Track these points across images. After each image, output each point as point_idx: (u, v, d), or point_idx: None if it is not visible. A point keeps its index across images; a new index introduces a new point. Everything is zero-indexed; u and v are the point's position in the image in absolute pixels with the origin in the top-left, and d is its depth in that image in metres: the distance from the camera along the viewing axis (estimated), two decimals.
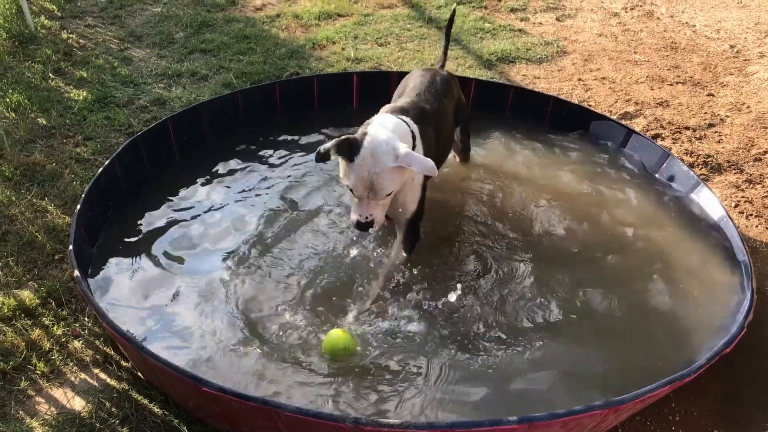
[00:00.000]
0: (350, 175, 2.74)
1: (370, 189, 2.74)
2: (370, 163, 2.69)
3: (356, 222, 2.83)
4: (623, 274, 3.28)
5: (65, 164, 4.09)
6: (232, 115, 4.36)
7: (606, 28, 6.52)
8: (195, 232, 3.52)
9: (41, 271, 3.33)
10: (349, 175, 2.75)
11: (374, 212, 2.81)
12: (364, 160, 2.70)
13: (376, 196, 2.76)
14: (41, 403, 2.72)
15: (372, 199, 2.77)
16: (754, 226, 3.83)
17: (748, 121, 4.86)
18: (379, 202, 2.81)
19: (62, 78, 5.17)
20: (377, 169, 2.70)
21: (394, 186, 2.78)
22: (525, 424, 2.17)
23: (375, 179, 2.71)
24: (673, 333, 2.95)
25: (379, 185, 2.73)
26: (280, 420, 2.24)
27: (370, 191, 2.74)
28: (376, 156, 2.69)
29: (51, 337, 2.98)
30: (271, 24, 6.32)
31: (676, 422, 2.72)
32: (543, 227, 3.59)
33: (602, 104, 5.05)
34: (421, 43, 6.00)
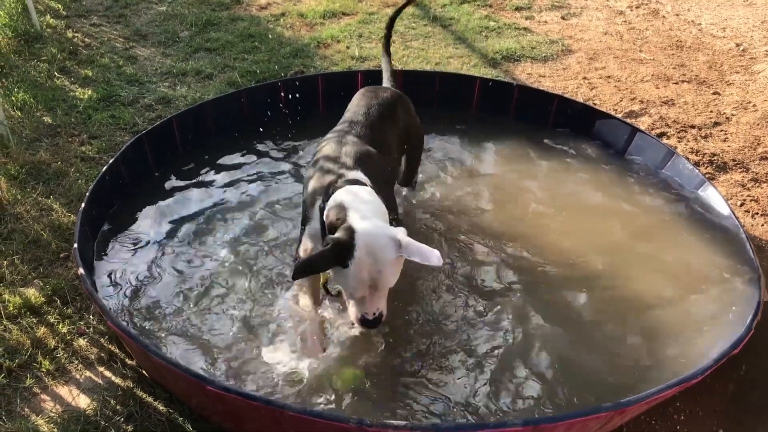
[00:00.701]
0: (346, 280, 2.41)
1: (373, 286, 2.43)
2: (368, 262, 2.36)
3: (362, 320, 2.50)
4: (627, 274, 3.26)
5: (70, 163, 4.10)
6: (236, 114, 4.36)
7: (611, 26, 6.50)
8: (200, 229, 3.52)
9: (46, 269, 3.33)
10: (345, 280, 2.42)
11: (380, 305, 2.49)
12: (362, 262, 2.36)
13: (378, 292, 2.46)
14: (46, 401, 2.72)
15: (374, 296, 2.46)
16: (760, 225, 3.81)
17: (754, 120, 4.84)
18: (382, 293, 2.49)
19: (67, 77, 5.18)
20: (378, 266, 2.37)
21: (396, 277, 2.49)
22: (530, 426, 2.16)
23: (377, 276, 2.39)
24: (678, 333, 2.93)
25: (382, 282, 2.42)
26: (283, 420, 2.24)
27: (371, 288, 2.43)
28: (375, 253, 2.36)
29: (56, 335, 2.98)
30: (275, 23, 6.32)
31: (682, 422, 2.71)
32: (544, 225, 3.58)
33: (607, 103, 5.04)
34: (425, 42, 5.99)
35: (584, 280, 3.23)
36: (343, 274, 2.41)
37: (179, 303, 3.08)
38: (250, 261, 3.30)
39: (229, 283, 3.17)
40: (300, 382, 2.66)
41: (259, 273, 3.23)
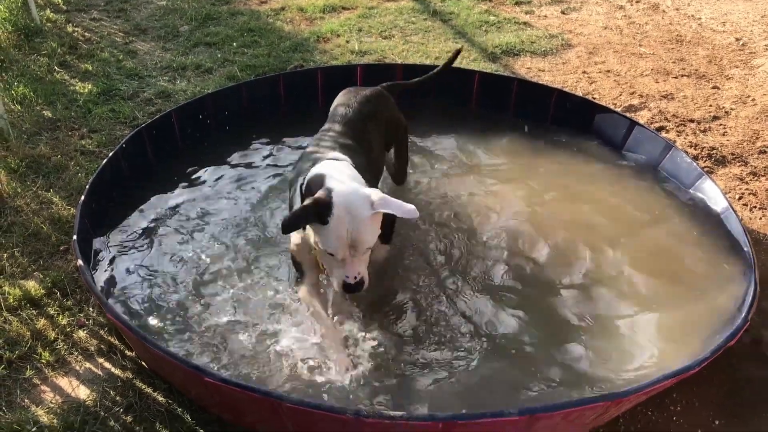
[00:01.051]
0: (327, 239, 2.51)
1: (352, 246, 2.52)
2: (346, 219, 2.47)
3: (345, 285, 2.60)
4: (623, 266, 3.27)
5: (70, 156, 4.11)
6: (236, 107, 4.37)
7: (611, 21, 6.50)
8: (199, 222, 3.53)
9: (46, 261, 3.35)
10: (326, 239, 2.52)
11: (360, 269, 2.59)
12: (340, 218, 2.47)
13: (358, 252, 2.55)
14: (46, 392, 2.74)
15: (354, 257, 2.56)
16: (758, 218, 3.82)
17: (753, 114, 4.84)
18: (362, 258, 2.59)
19: (67, 71, 5.20)
20: (356, 223, 2.48)
21: (375, 236, 2.59)
22: (527, 416, 2.17)
23: (356, 235, 2.50)
24: (675, 325, 2.95)
25: (361, 239, 2.51)
26: (282, 411, 2.25)
27: (351, 249, 2.53)
28: (352, 209, 2.48)
29: (56, 327, 3.00)
30: (275, 17, 6.33)
31: (678, 413, 2.72)
32: (544, 218, 3.58)
33: (607, 97, 5.04)
34: (425, 36, 6.00)
35: (580, 271, 3.24)
36: (322, 233, 2.52)
37: (179, 295, 3.09)
38: (250, 253, 3.31)
39: (229, 275, 3.18)
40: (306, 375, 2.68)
41: (260, 265, 3.24)
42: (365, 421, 2.11)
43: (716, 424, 2.70)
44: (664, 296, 3.10)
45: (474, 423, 2.13)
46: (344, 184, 2.55)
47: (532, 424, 2.19)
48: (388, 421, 2.10)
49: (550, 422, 2.25)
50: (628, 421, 2.68)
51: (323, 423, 2.21)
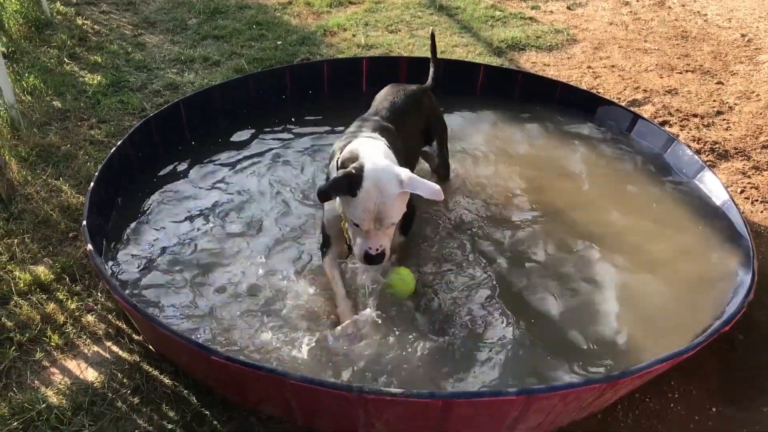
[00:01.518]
0: (354, 210, 2.61)
1: (377, 220, 2.62)
2: (374, 193, 2.57)
3: (366, 255, 2.68)
4: (624, 254, 3.32)
5: (80, 146, 4.17)
6: (243, 99, 4.42)
7: (617, 16, 6.52)
8: (205, 209, 3.59)
9: (56, 248, 3.41)
10: (353, 210, 2.62)
11: (383, 242, 2.68)
12: (368, 192, 2.57)
13: (383, 226, 2.65)
14: (55, 374, 2.80)
15: (378, 230, 2.65)
16: (760, 211, 3.85)
17: (757, 109, 4.86)
18: (386, 231, 2.69)
19: (77, 63, 5.26)
20: (383, 198, 2.58)
21: (400, 213, 2.69)
22: (524, 396, 2.22)
23: (382, 209, 2.59)
24: (674, 312, 2.99)
25: (386, 214, 2.61)
26: (286, 389, 2.30)
27: (376, 222, 2.62)
28: (381, 185, 2.58)
29: (65, 311, 3.06)
30: (282, 11, 6.38)
31: (675, 399, 2.76)
32: (545, 210, 3.62)
33: (611, 91, 5.07)
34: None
35: (580, 259, 3.29)
36: (351, 204, 2.62)
37: (186, 280, 3.14)
38: (257, 239, 3.37)
39: (237, 259, 3.24)
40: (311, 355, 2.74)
41: (268, 251, 3.29)
42: (367, 398, 2.16)
43: (713, 410, 2.74)
44: (663, 283, 3.15)
45: (473, 401, 2.18)
46: (376, 161, 2.65)
47: (530, 404, 2.23)
48: (388, 398, 2.15)
49: (547, 403, 2.30)
50: (626, 408, 2.72)
51: (326, 400, 2.27)
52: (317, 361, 2.70)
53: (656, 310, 3.01)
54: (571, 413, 2.50)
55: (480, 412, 2.27)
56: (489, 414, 2.30)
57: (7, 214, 3.57)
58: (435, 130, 3.63)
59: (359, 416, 2.30)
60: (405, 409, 2.23)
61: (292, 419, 2.54)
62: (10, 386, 2.73)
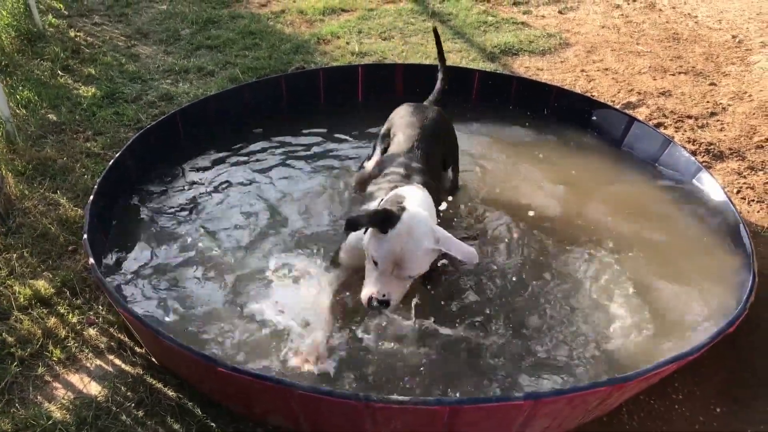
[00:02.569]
0: (380, 247, 2.57)
1: (398, 265, 2.57)
2: (405, 239, 2.54)
3: (370, 299, 2.60)
4: (624, 257, 3.33)
5: (76, 159, 4.16)
6: (239, 108, 4.42)
7: (608, 20, 6.56)
8: (205, 220, 3.58)
9: (55, 261, 3.39)
10: (379, 247, 2.58)
11: (393, 290, 2.60)
12: (400, 235, 2.54)
13: (402, 273, 2.59)
14: (58, 389, 2.78)
15: (396, 276, 2.59)
16: (756, 211, 3.87)
17: (750, 110, 4.90)
18: (401, 281, 2.63)
19: (71, 75, 5.25)
20: (412, 245, 2.54)
21: (423, 267, 2.64)
22: (531, 400, 2.22)
23: (408, 256, 2.55)
24: (676, 315, 3.00)
25: (409, 262, 2.56)
26: (293, 399, 2.30)
27: (396, 267, 2.57)
28: (414, 234, 2.55)
29: (66, 325, 3.04)
30: (275, 20, 6.39)
31: (680, 401, 2.77)
32: (542, 214, 3.63)
33: (605, 95, 5.10)
34: (425, 37, 6.05)
35: (581, 263, 3.30)
36: (379, 240, 2.58)
37: (189, 292, 3.13)
38: (258, 248, 3.37)
39: (237, 271, 3.23)
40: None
41: (267, 262, 3.28)
42: (375, 406, 2.15)
43: (717, 411, 2.75)
44: (664, 286, 3.16)
45: (480, 407, 2.17)
46: (419, 210, 2.65)
47: (537, 409, 2.24)
48: (396, 406, 2.15)
49: (554, 407, 2.30)
50: (631, 409, 2.73)
51: (333, 409, 2.26)
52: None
53: (657, 312, 3.02)
54: (577, 417, 2.51)
55: (487, 417, 2.27)
56: (496, 420, 2.30)
57: (5, 228, 3.55)
58: (451, 154, 3.65)
59: (367, 425, 2.30)
60: (412, 416, 2.23)
61: (300, 429, 2.53)
62: (13, 402, 2.71)
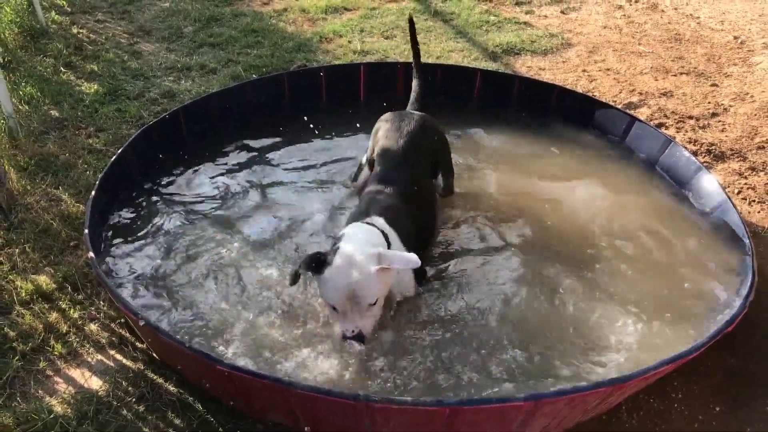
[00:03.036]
0: (328, 288, 2.60)
1: (351, 299, 2.56)
2: (345, 271, 2.55)
3: (343, 336, 2.63)
4: (624, 255, 3.34)
5: (78, 155, 4.17)
6: (241, 106, 4.43)
7: (610, 20, 6.56)
8: (208, 217, 3.59)
9: (57, 257, 3.40)
10: (324, 290, 2.62)
11: (360, 323, 2.61)
12: (339, 270, 2.56)
13: (360, 307, 2.58)
14: (59, 383, 2.79)
15: (354, 311, 2.59)
16: (757, 212, 3.88)
17: (751, 111, 4.90)
18: (366, 313, 2.61)
19: (73, 72, 5.26)
20: (356, 275, 2.54)
21: (382, 291, 2.64)
22: (531, 401, 2.23)
23: (358, 286, 2.55)
24: (676, 313, 3.00)
25: (362, 291, 2.55)
26: (292, 398, 2.31)
27: (350, 302, 2.57)
28: (352, 263, 2.56)
29: (68, 320, 3.05)
30: (278, 18, 6.39)
31: (679, 399, 2.78)
32: (542, 214, 3.64)
33: (606, 95, 5.10)
34: (427, 36, 6.05)
35: (580, 261, 3.30)
36: (322, 285, 2.65)
37: (189, 289, 3.14)
38: (259, 244, 3.38)
39: (239, 268, 3.24)
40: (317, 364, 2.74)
41: (269, 260, 3.29)
42: (374, 407, 2.16)
43: (717, 410, 2.75)
44: (663, 285, 3.16)
45: (480, 408, 2.18)
46: (353, 245, 2.64)
47: (536, 409, 2.24)
48: (396, 407, 2.15)
49: (554, 408, 2.31)
50: (631, 408, 2.74)
51: (332, 409, 2.27)
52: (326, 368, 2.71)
53: (657, 311, 3.02)
54: (576, 416, 2.52)
55: (487, 418, 2.28)
56: (496, 420, 2.31)
57: (8, 223, 3.56)
58: (441, 160, 3.59)
59: (365, 425, 2.31)
60: (412, 417, 2.24)
61: (299, 427, 2.54)
62: (14, 396, 2.72)
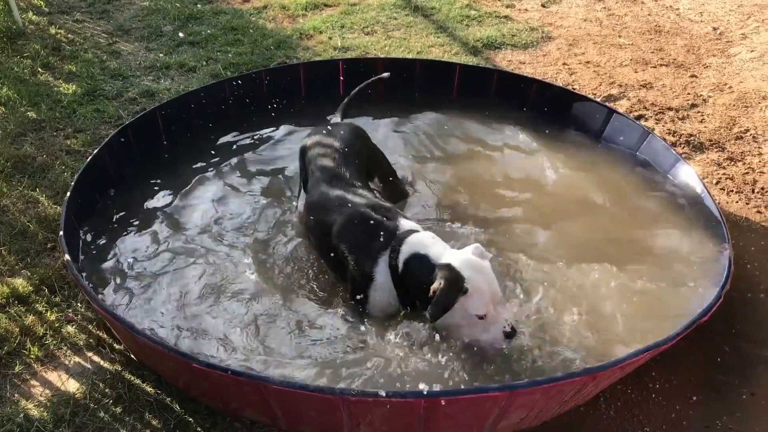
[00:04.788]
0: (473, 301, 2.61)
1: (494, 297, 2.65)
2: (481, 277, 2.63)
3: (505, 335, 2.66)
4: (603, 249, 3.35)
5: (56, 156, 4.14)
6: (220, 104, 4.40)
7: (591, 13, 6.57)
8: (185, 217, 3.58)
9: (34, 259, 3.38)
10: (472, 305, 2.61)
11: (508, 316, 2.70)
12: (477, 278, 2.62)
13: (500, 300, 2.70)
14: (36, 386, 2.78)
15: (499, 308, 2.67)
16: (735, 201, 3.90)
17: (730, 101, 4.92)
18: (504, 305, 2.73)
19: (51, 72, 5.21)
20: (489, 275, 2.66)
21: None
22: (507, 391, 2.23)
23: (494, 285, 2.66)
24: (653, 303, 3.02)
25: (496, 287, 2.68)
26: (267, 393, 2.30)
27: (494, 301, 2.65)
28: (477, 266, 2.64)
29: (44, 323, 3.04)
30: (258, 15, 6.36)
31: (657, 390, 2.79)
32: (522, 207, 3.65)
33: (587, 87, 5.11)
34: (407, 32, 6.05)
35: (556, 252, 3.31)
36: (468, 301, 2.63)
37: (165, 288, 3.13)
38: (233, 244, 3.37)
39: (214, 268, 3.22)
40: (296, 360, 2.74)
41: (246, 259, 3.28)
42: (351, 400, 2.16)
43: (693, 399, 2.77)
44: (640, 276, 3.17)
45: (456, 399, 2.18)
46: (447, 251, 2.72)
47: (512, 399, 2.25)
48: (371, 399, 2.15)
49: (530, 398, 2.31)
50: (609, 399, 2.75)
51: (309, 403, 2.26)
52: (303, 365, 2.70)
53: (634, 301, 3.03)
54: (553, 408, 2.52)
55: (463, 409, 2.28)
56: (472, 411, 2.31)
57: None
58: (375, 165, 3.51)
59: (343, 418, 2.30)
60: (389, 409, 2.23)
61: (277, 424, 2.54)
62: None
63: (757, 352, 2.99)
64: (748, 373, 2.89)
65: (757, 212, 3.81)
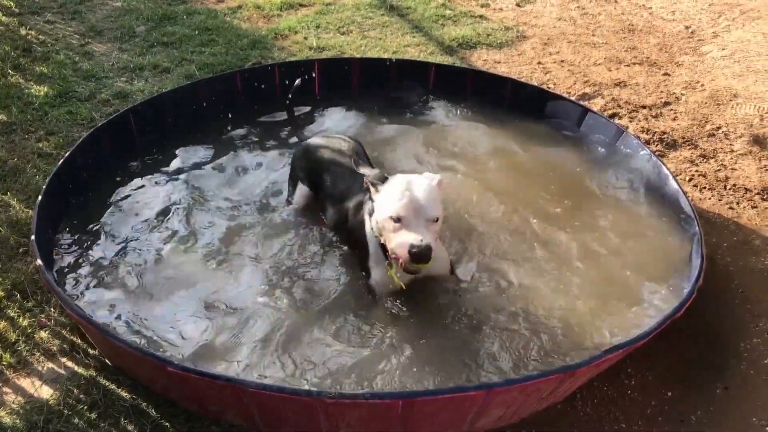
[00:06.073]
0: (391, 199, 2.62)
1: (416, 209, 2.58)
2: (410, 181, 2.66)
3: (411, 249, 2.52)
4: (576, 247, 3.37)
5: (27, 159, 4.08)
6: (194, 106, 4.36)
7: (565, 12, 6.62)
8: (158, 219, 3.54)
9: (5, 264, 3.32)
10: (390, 200, 2.62)
11: (425, 237, 2.54)
12: (404, 180, 2.67)
13: (425, 217, 2.59)
14: (8, 393, 2.74)
15: (421, 224, 2.57)
16: (708, 198, 3.95)
17: (702, 99, 4.99)
18: (429, 227, 2.59)
19: (22, 74, 5.13)
20: (421, 183, 2.66)
21: (438, 208, 2.66)
22: (484, 390, 2.24)
23: (420, 195, 2.60)
24: (627, 300, 3.05)
25: (425, 203, 2.59)
26: (245, 396, 2.29)
27: (416, 213, 2.57)
28: (411, 180, 2.67)
29: (17, 329, 2.99)
30: (232, 15, 6.32)
31: (632, 386, 2.82)
32: (496, 205, 3.65)
33: (561, 86, 5.15)
34: (383, 31, 6.04)
35: (531, 249, 3.33)
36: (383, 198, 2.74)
37: (140, 291, 3.10)
38: (207, 247, 3.35)
39: (189, 270, 3.20)
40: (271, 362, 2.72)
41: (215, 261, 3.27)
42: (327, 402, 2.15)
43: (669, 395, 2.81)
44: (614, 273, 3.21)
45: (433, 399, 2.19)
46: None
47: (490, 398, 2.25)
48: (348, 401, 2.15)
49: (507, 396, 2.32)
50: (585, 396, 2.77)
51: (287, 406, 2.25)
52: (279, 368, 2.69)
53: (608, 298, 3.06)
54: (531, 404, 2.54)
55: (441, 409, 2.28)
56: (450, 411, 2.32)
57: None
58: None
59: (321, 420, 2.30)
60: (366, 410, 2.23)
61: (256, 427, 2.52)
62: None
63: (730, 347, 3.03)
64: (721, 368, 2.93)
65: (730, 209, 3.87)
